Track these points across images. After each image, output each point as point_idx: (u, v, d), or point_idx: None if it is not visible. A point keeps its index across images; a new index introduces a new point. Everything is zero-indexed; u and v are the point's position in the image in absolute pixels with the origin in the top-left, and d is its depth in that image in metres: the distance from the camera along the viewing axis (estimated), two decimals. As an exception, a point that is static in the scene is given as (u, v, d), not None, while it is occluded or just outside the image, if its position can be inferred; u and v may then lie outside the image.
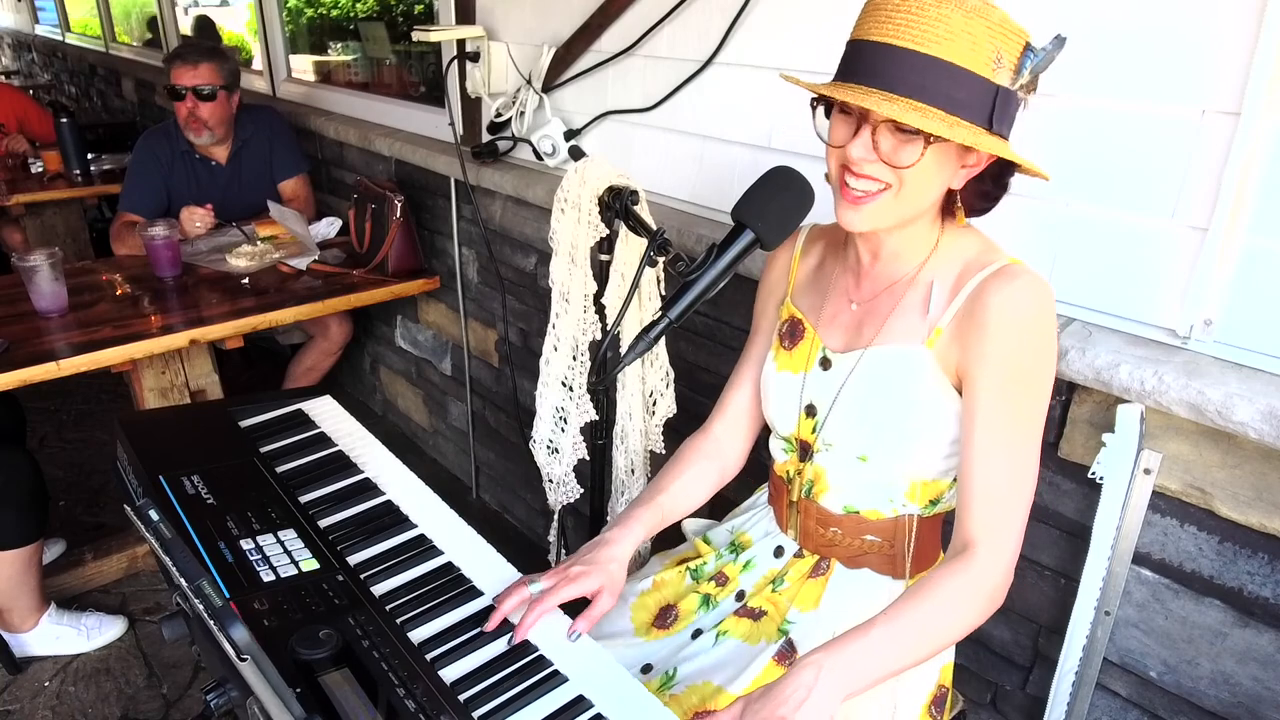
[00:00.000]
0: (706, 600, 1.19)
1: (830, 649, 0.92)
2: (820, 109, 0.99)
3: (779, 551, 1.20)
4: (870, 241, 1.05)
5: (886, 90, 0.87)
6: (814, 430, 1.11)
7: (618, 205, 1.31)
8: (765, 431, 1.25)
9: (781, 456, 1.18)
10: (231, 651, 0.73)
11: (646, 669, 1.12)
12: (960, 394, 1.01)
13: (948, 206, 1.02)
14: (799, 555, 1.17)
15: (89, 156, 3.59)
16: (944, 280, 1.02)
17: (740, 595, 1.19)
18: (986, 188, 0.99)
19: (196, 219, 2.55)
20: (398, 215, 2.39)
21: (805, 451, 1.13)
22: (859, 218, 0.96)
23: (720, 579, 1.21)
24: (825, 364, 1.10)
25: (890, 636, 0.93)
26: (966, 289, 0.99)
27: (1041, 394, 0.98)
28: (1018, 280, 0.96)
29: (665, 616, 1.20)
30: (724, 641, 1.13)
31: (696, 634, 1.16)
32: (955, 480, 1.08)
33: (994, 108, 0.88)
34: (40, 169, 3.55)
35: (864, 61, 0.90)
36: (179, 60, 2.59)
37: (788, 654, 1.08)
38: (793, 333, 1.16)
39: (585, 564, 1.06)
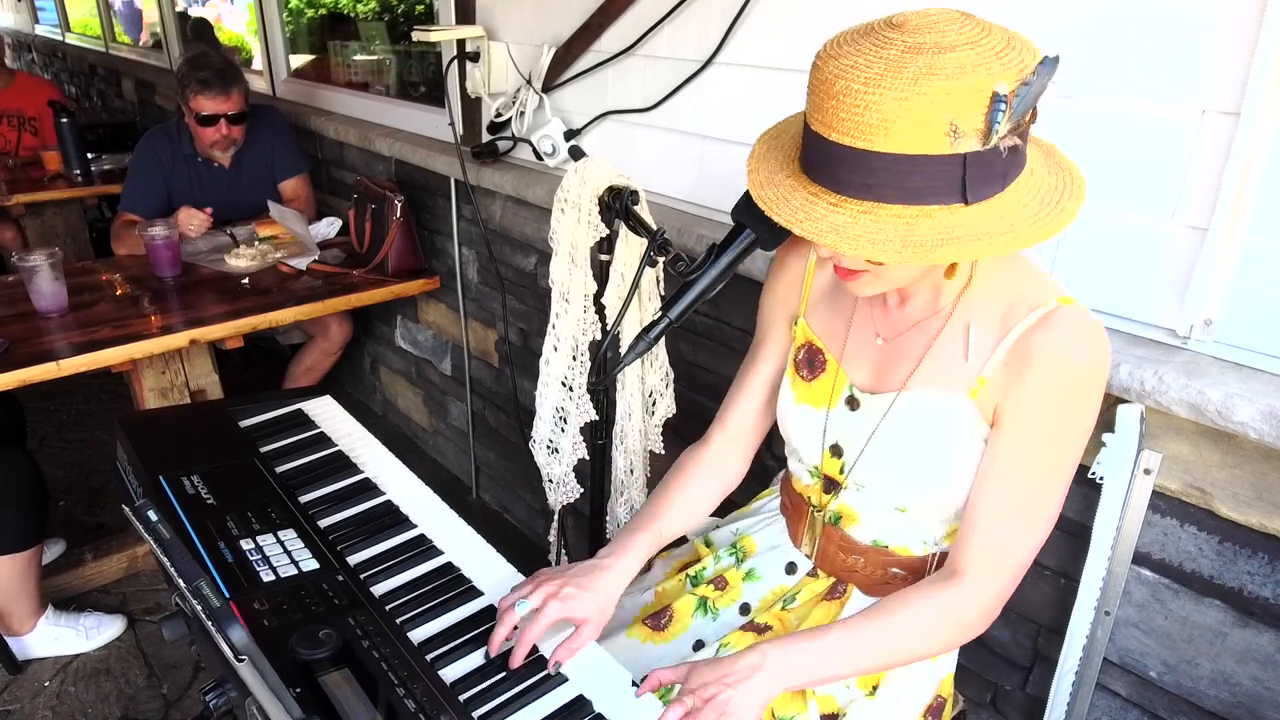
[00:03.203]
0: (704, 604, 1.17)
1: (782, 642, 0.93)
2: None
3: (791, 568, 1.16)
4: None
5: (836, 191, 0.79)
6: (841, 470, 1.06)
7: (618, 205, 1.31)
8: (769, 438, 1.24)
9: (805, 479, 1.14)
10: (229, 652, 0.73)
11: None
12: None
13: None
14: (813, 575, 1.14)
15: (89, 156, 3.59)
16: (984, 322, 0.94)
17: (745, 609, 1.16)
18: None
19: (195, 220, 2.55)
20: (398, 215, 2.39)
21: (831, 485, 1.09)
22: (859, 287, 0.92)
23: (720, 583, 1.18)
24: (853, 403, 1.04)
25: (845, 645, 0.94)
26: (1012, 335, 0.91)
27: (1075, 445, 0.92)
28: (1071, 324, 0.88)
29: (659, 617, 1.17)
30: (726, 654, 1.11)
31: (698, 646, 1.14)
32: None
33: (965, 178, 0.75)
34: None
35: (814, 155, 0.82)
36: (208, 89, 2.55)
37: None
38: (811, 363, 1.09)
39: (579, 588, 0.99)
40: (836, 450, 1.07)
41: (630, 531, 1.10)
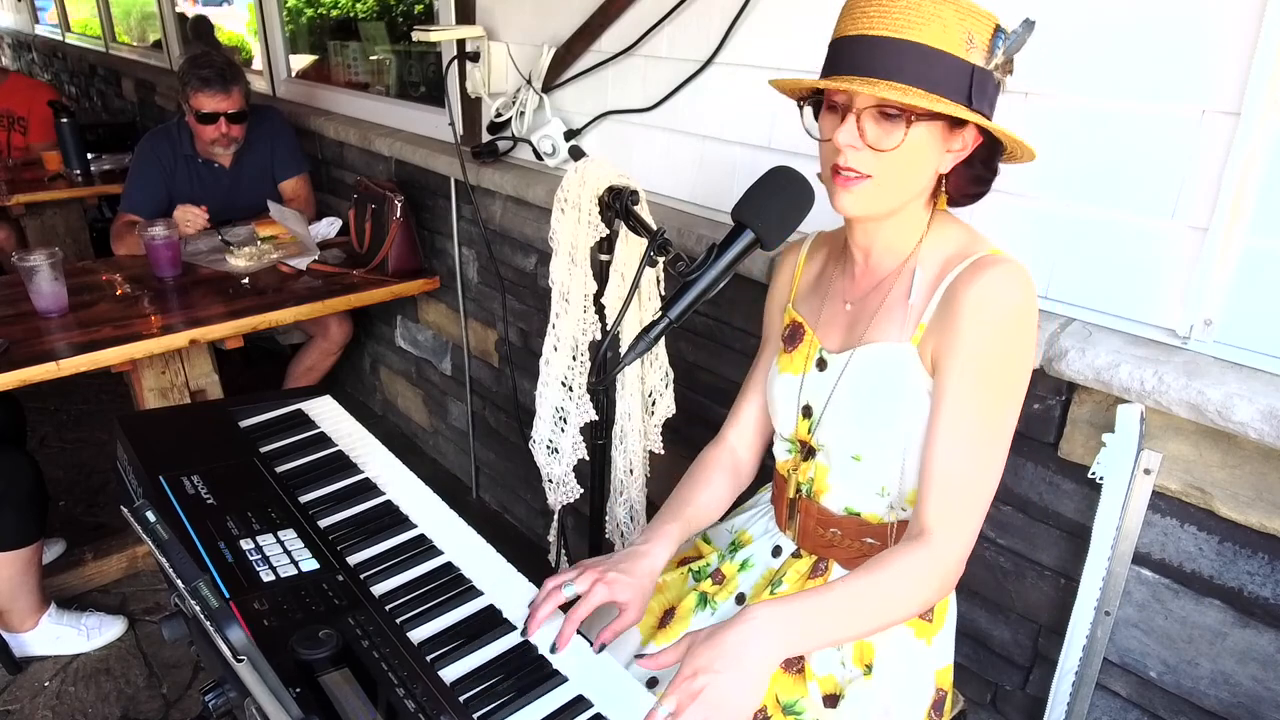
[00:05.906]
0: (704, 599, 1.19)
1: (774, 603, 0.93)
2: (809, 108, 1.00)
3: (776, 551, 1.20)
4: (864, 236, 1.06)
5: (865, 77, 0.90)
6: (809, 431, 1.11)
7: (618, 205, 1.31)
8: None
9: (784, 456, 1.19)
10: (228, 652, 0.73)
11: (652, 683, 1.11)
12: None
13: (936, 193, 1.02)
14: (796, 555, 1.17)
15: (89, 156, 3.59)
16: (926, 271, 1.02)
17: (740, 598, 1.19)
18: (977, 171, 1.00)
19: (190, 217, 2.55)
20: (398, 215, 2.39)
21: (807, 452, 1.13)
22: (853, 200, 0.97)
23: (717, 576, 1.22)
24: (821, 364, 1.11)
25: (836, 603, 0.94)
26: (946, 282, 0.99)
27: (1014, 386, 0.98)
28: (993, 269, 0.96)
29: (666, 618, 1.20)
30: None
31: None
32: None
33: (971, 86, 0.90)
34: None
35: (843, 56, 0.93)
36: (208, 86, 2.56)
37: (794, 659, 1.08)
38: (793, 336, 1.17)
39: (622, 573, 1.03)
40: (807, 411, 1.12)
41: (661, 521, 1.15)
